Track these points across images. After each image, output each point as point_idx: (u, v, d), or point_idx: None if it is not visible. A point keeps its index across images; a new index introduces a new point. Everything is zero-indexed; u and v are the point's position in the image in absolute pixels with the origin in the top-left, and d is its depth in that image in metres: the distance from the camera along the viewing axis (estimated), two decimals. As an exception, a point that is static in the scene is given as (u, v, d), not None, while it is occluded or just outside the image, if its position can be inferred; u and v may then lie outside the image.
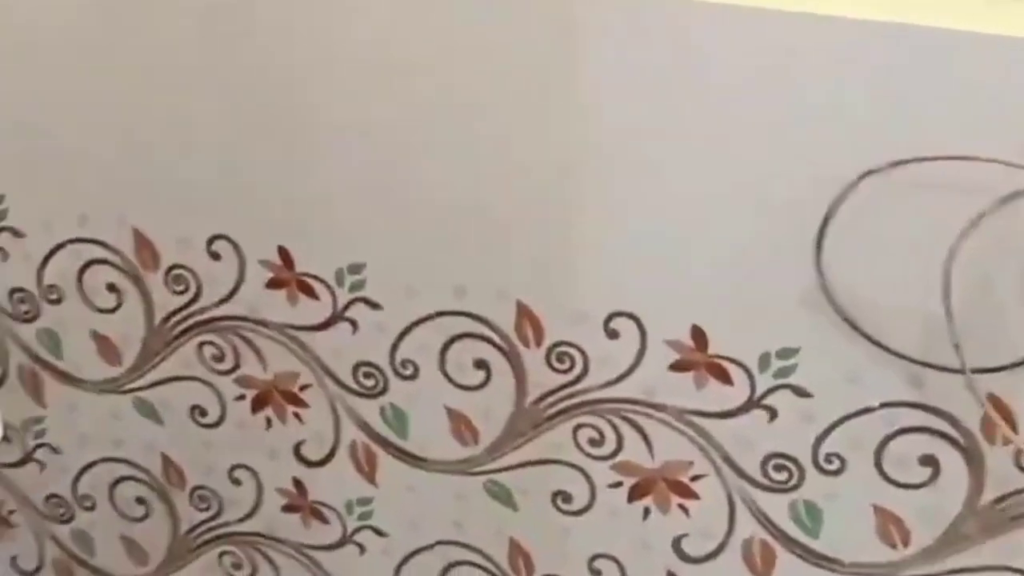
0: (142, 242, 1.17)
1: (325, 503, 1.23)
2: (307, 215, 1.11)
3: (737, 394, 1.05)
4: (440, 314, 1.11)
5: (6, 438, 1.30)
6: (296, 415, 1.20)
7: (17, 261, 1.22)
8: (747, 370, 1.03)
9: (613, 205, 1.01)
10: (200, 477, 1.27)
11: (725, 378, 1.04)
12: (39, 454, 1.32)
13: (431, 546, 1.22)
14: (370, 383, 1.16)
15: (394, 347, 1.13)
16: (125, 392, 1.25)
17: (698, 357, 1.05)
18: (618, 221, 1.02)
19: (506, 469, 1.15)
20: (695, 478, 1.09)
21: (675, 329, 1.04)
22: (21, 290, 1.24)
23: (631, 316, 1.05)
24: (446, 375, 1.13)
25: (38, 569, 1.40)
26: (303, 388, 1.18)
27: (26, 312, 1.25)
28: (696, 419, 1.07)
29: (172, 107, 1.10)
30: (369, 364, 1.15)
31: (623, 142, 0.98)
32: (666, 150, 0.97)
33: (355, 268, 1.11)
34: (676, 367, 1.06)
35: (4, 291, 1.24)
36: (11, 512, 1.37)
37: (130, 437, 1.27)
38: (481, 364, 1.11)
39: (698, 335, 1.04)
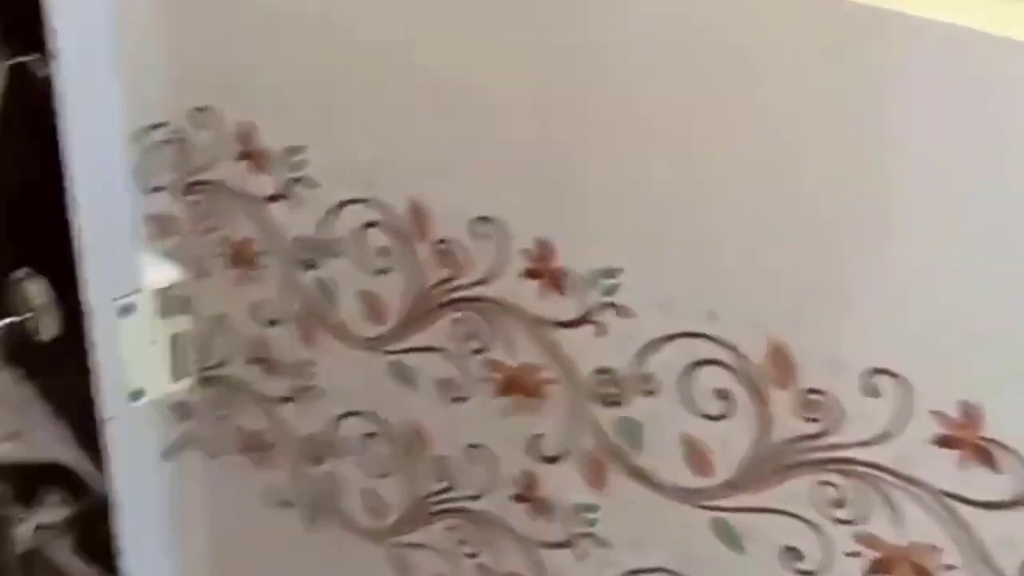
0: (417, 212, 1.19)
1: (552, 500, 1.21)
2: (576, 210, 1.08)
3: (1006, 485, 0.91)
4: (690, 335, 1.04)
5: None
6: (534, 408, 1.18)
7: (310, 210, 1.28)
8: (1022, 460, 0.90)
9: (896, 256, 0.91)
10: (442, 447, 1.29)
11: (993, 465, 0.91)
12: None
13: (653, 570, 1.16)
14: (610, 391, 1.11)
15: (639, 360, 1.08)
16: (385, 353, 1.28)
17: (967, 435, 0.92)
18: (898, 273, 0.91)
19: (737, 510, 1.07)
20: (946, 567, 0.97)
21: (944, 399, 0.92)
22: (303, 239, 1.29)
23: (895, 375, 0.94)
24: (687, 398, 1.06)
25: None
26: (545, 383, 1.16)
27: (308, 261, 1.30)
28: (955, 504, 0.95)
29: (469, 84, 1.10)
30: (610, 372, 1.10)
31: (921, 194, 0.88)
32: (966, 210, 0.86)
33: (611, 272, 1.07)
34: (940, 442, 0.94)
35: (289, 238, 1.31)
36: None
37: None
38: (724, 394, 1.04)
39: (970, 410, 0.91)
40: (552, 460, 1.19)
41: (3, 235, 0.67)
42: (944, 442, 0.93)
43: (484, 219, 1.14)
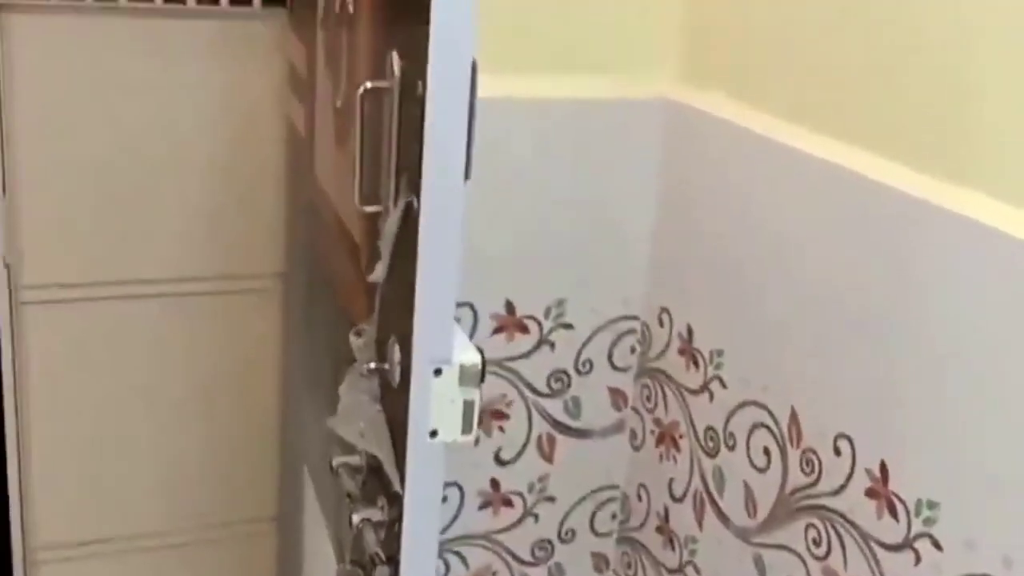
0: (795, 421, 1.35)
1: None
2: (913, 442, 1.18)
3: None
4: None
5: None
6: None
7: (719, 405, 1.49)
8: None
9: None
10: None
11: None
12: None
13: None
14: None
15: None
16: (752, 544, 1.43)
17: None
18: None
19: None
20: None
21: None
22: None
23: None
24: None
25: None
26: None
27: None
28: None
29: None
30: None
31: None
32: None
33: (932, 504, 1.15)
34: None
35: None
36: None
37: None
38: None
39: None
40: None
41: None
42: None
43: (843, 435, 1.27)
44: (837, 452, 1.28)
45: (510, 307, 1.62)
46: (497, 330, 1.62)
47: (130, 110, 1.58)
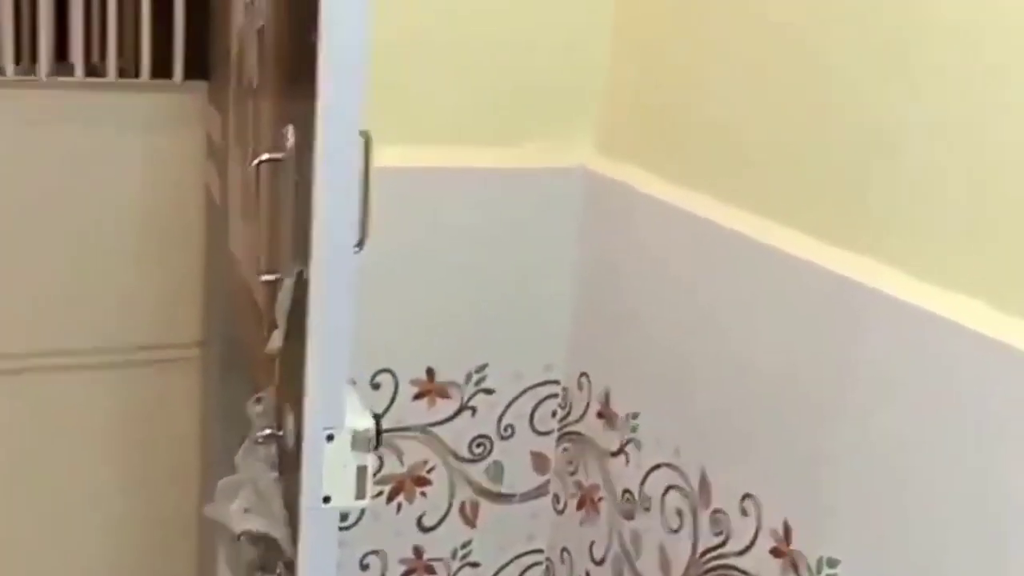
0: (704, 482, 1.37)
1: None
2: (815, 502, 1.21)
3: None
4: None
5: None
6: None
7: (635, 468, 1.51)
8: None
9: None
10: None
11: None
12: None
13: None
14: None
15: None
16: None
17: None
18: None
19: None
20: None
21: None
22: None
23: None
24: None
25: None
26: None
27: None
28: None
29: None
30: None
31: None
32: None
33: (833, 563, 1.17)
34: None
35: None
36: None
37: None
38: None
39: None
40: None
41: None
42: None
43: (749, 496, 1.29)
44: (744, 512, 1.30)
45: (431, 373, 1.63)
46: (418, 396, 1.63)
47: (51, 181, 1.59)
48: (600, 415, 1.59)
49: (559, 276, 1.64)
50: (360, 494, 0.92)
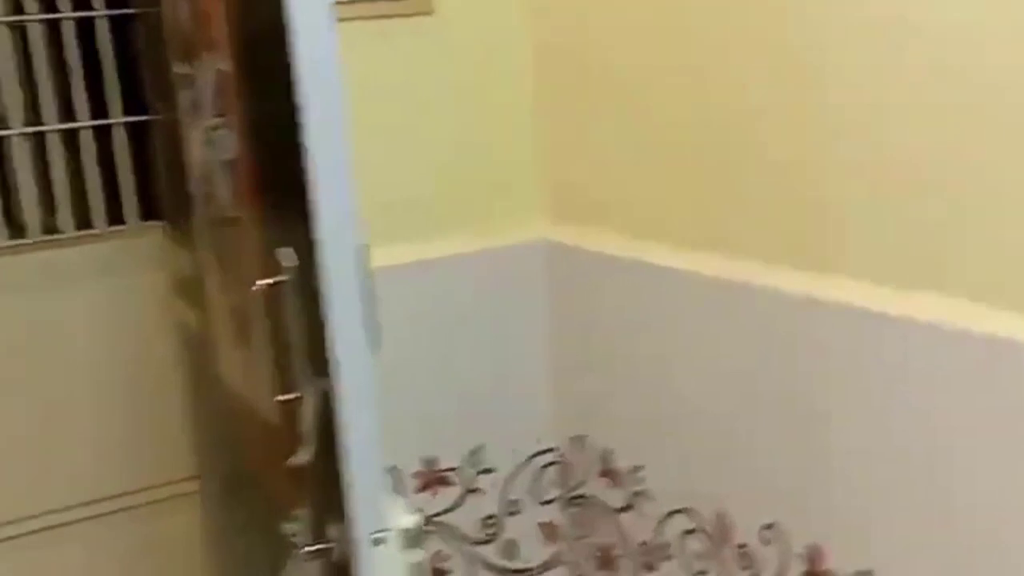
0: (722, 520, 1.40)
1: None
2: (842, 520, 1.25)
3: None
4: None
5: None
6: None
7: (647, 519, 1.53)
8: None
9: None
10: None
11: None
12: None
13: None
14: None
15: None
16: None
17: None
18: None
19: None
20: None
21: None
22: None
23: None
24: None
25: None
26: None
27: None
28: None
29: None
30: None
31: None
32: None
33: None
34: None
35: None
36: None
37: None
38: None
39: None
40: None
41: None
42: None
43: (769, 526, 1.33)
44: (766, 542, 1.33)
45: (429, 463, 1.65)
46: (421, 488, 1.64)
47: (14, 344, 1.59)
48: (603, 474, 1.62)
49: (536, 345, 1.68)
50: (416, 590, 0.93)
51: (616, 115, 1.50)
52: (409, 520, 0.93)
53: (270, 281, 1.01)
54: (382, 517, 0.92)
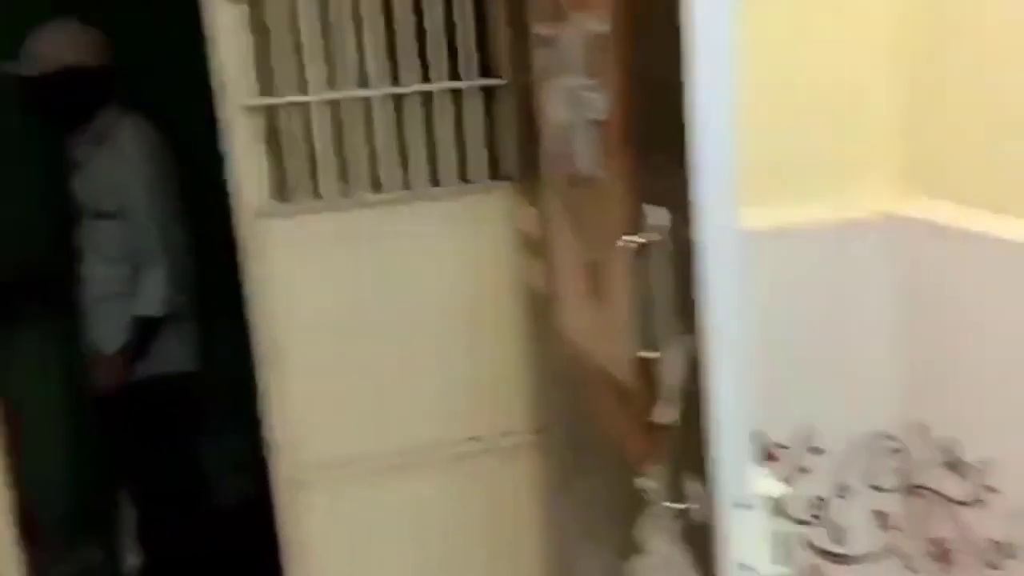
0: None
1: None
2: None
3: None
4: None
5: None
6: None
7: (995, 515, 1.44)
8: None
9: None
10: None
11: None
12: None
13: None
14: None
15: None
16: None
17: None
18: None
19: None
20: None
21: None
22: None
23: None
24: None
25: None
26: None
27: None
28: None
29: None
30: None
31: None
32: None
33: None
34: None
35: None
36: None
37: None
38: None
39: None
40: None
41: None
42: None
43: None
44: None
45: (756, 436, 1.62)
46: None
47: (385, 297, 1.69)
48: (946, 465, 1.54)
49: (880, 325, 1.61)
50: (777, 559, 0.92)
51: (979, 80, 1.41)
52: (776, 488, 0.92)
53: (639, 239, 1.01)
54: (747, 482, 0.91)
